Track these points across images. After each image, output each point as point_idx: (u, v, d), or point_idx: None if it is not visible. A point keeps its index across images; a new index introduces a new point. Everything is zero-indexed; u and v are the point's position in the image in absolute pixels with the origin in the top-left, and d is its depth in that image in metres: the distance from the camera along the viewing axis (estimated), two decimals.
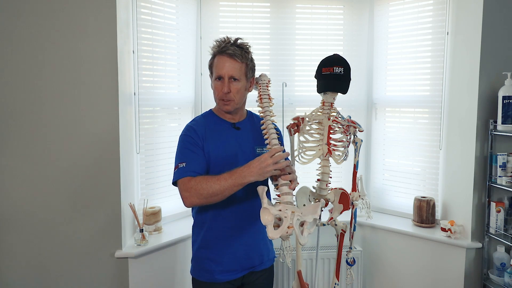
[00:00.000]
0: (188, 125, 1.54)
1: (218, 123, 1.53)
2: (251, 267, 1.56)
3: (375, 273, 2.48)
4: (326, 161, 1.80)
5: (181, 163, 1.41)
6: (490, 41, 2.02)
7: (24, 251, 1.86)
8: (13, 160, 1.83)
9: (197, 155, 1.44)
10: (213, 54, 1.50)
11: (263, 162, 1.25)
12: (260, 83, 1.64)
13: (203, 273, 1.51)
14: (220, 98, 1.47)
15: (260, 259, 1.58)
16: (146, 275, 2.01)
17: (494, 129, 2.02)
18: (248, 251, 1.53)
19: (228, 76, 1.45)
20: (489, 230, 2.07)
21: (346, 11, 2.54)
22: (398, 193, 2.52)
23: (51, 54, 1.83)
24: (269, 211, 1.20)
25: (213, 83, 1.49)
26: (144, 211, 2.10)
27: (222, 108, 1.50)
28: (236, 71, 1.45)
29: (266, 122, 1.44)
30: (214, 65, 1.48)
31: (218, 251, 1.50)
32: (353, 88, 1.98)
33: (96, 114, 1.88)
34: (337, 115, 1.81)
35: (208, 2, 2.43)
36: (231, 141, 1.51)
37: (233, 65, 1.45)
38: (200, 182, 1.33)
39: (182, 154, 1.45)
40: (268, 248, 1.64)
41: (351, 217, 1.89)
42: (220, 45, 1.47)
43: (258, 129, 1.55)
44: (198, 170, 1.41)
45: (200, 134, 1.47)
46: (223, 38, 1.50)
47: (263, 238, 1.59)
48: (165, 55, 2.28)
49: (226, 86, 1.44)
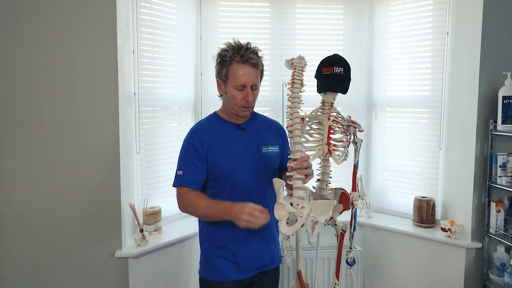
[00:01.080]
0: (192, 130, 1.55)
1: (224, 126, 1.54)
2: (263, 266, 1.57)
3: (375, 273, 2.48)
4: (326, 161, 1.80)
5: (179, 171, 1.49)
6: (490, 41, 2.02)
7: (24, 251, 1.86)
8: (13, 160, 1.83)
9: (195, 166, 1.47)
10: (228, 61, 1.44)
11: (241, 214, 1.30)
12: (296, 65, 1.49)
13: (215, 273, 1.51)
14: (242, 106, 1.47)
15: (271, 258, 1.60)
16: (146, 275, 2.01)
17: (494, 129, 2.02)
18: (260, 251, 1.55)
19: (251, 84, 1.45)
20: (489, 230, 2.07)
21: (346, 11, 2.54)
22: (398, 193, 2.52)
23: (51, 54, 1.83)
24: (284, 207, 1.22)
25: (232, 91, 1.45)
26: (144, 211, 2.10)
27: (240, 114, 1.51)
28: (257, 79, 1.48)
29: (293, 115, 1.38)
30: (233, 72, 1.43)
31: (232, 250, 1.50)
32: (353, 88, 1.97)
33: (96, 114, 1.87)
34: (337, 115, 1.81)
35: (208, 2, 2.43)
36: (236, 142, 1.51)
37: (255, 74, 1.46)
38: (192, 200, 1.44)
39: (182, 161, 1.50)
40: (278, 247, 1.66)
41: (351, 217, 1.89)
42: (237, 52, 1.43)
43: (263, 129, 1.58)
44: (195, 181, 1.48)
45: (204, 142, 1.48)
46: (235, 44, 1.46)
47: (273, 237, 1.61)
48: (165, 55, 2.28)
49: (251, 95, 1.46)
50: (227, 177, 1.48)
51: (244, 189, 1.48)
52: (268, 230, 1.54)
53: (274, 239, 1.62)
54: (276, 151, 1.58)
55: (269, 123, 1.66)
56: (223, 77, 1.46)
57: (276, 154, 1.58)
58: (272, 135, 1.61)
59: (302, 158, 1.32)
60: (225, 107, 1.55)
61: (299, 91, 1.42)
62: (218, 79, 1.50)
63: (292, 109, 1.39)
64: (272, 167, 1.56)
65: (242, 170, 1.48)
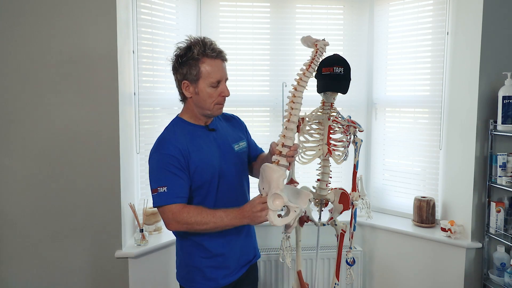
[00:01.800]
0: (162, 139, 1.41)
1: (195, 130, 1.43)
2: (248, 262, 1.56)
3: (375, 273, 2.48)
4: (326, 161, 1.80)
5: (161, 188, 1.32)
6: (490, 41, 2.02)
7: (24, 251, 1.86)
8: (13, 160, 1.83)
9: (179, 178, 1.33)
10: (199, 58, 1.34)
11: (254, 208, 1.25)
12: (319, 48, 1.42)
13: (205, 282, 1.44)
14: (218, 103, 1.39)
15: (254, 251, 1.59)
16: (146, 275, 2.00)
17: (494, 129, 2.02)
18: (244, 247, 1.52)
19: (226, 79, 1.40)
20: (489, 230, 2.07)
21: (346, 11, 2.54)
22: (398, 193, 2.52)
23: (51, 54, 1.83)
24: (282, 199, 1.21)
25: (206, 89, 1.36)
26: (144, 211, 2.10)
27: (216, 113, 1.42)
28: (226, 73, 1.42)
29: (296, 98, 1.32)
30: (206, 69, 1.34)
31: (224, 257, 1.45)
32: (353, 88, 1.97)
33: (96, 114, 1.88)
34: (337, 115, 1.81)
35: (208, 2, 2.43)
36: (211, 145, 1.43)
37: (225, 67, 1.40)
38: (194, 216, 1.30)
39: (162, 176, 1.33)
40: (256, 239, 1.64)
41: (351, 217, 1.89)
42: (208, 47, 1.36)
43: (228, 126, 1.53)
44: (183, 195, 1.34)
45: (183, 150, 1.35)
46: (200, 40, 1.38)
47: (253, 231, 1.59)
48: (165, 55, 2.28)
49: (227, 89, 1.39)
50: (210, 183, 1.39)
51: (228, 191, 1.43)
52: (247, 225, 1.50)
53: (253, 233, 1.60)
54: (245, 146, 1.54)
55: (230, 119, 1.59)
56: (194, 77, 1.35)
57: (246, 149, 1.54)
58: (237, 130, 1.56)
59: (295, 146, 1.29)
60: (193, 110, 1.43)
61: (310, 76, 1.37)
62: (185, 81, 1.37)
63: (297, 91, 1.32)
64: (246, 163, 1.54)
65: (224, 173, 1.41)
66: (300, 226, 1.94)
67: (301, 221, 1.91)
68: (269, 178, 1.24)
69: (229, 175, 1.43)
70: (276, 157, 1.29)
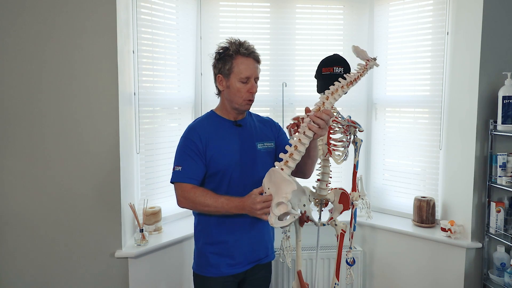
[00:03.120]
0: (190, 126, 1.56)
1: (221, 123, 1.56)
2: (257, 260, 1.58)
3: (375, 273, 2.48)
4: (326, 161, 1.80)
5: (177, 167, 1.50)
6: (490, 41, 2.02)
7: (24, 251, 1.86)
8: (13, 160, 1.83)
9: (195, 162, 1.48)
10: (233, 54, 1.48)
11: (254, 205, 1.33)
12: (368, 66, 1.59)
13: (209, 268, 1.53)
14: (247, 99, 1.50)
15: (265, 252, 1.61)
16: (146, 275, 2.01)
17: (494, 129, 2.02)
18: (254, 244, 1.56)
19: (255, 77, 1.51)
20: (489, 230, 2.07)
21: (346, 11, 2.54)
22: (398, 193, 2.52)
23: (51, 54, 1.83)
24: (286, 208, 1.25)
25: (236, 84, 1.48)
26: (144, 211, 2.10)
27: (244, 108, 1.53)
28: (258, 73, 1.53)
29: (331, 101, 1.36)
30: (237, 65, 1.47)
31: (227, 245, 1.52)
32: (353, 88, 1.96)
33: (96, 114, 1.88)
34: (337, 115, 1.81)
35: (208, 2, 2.43)
36: (233, 138, 1.53)
37: (257, 67, 1.52)
38: (198, 196, 1.44)
39: (180, 157, 1.51)
40: (272, 241, 1.67)
41: (351, 217, 1.89)
42: (241, 46, 1.49)
43: (257, 125, 1.61)
44: (195, 177, 1.48)
45: (203, 138, 1.49)
46: (236, 40, 1.51)
47: (267, 231, 1.62)
48: (165, 55, 2.28)
49: (255, 87, 1.51)
50: (224, 173, 1.49)
51: (240, 185, 1.50)
52: (262, 223, 1.56)
53: (269, 233, 1.63)
54: (271, 147, 1.60)
55: (263, 120, 1.69)
56: (226, 72, 1.49)
57: (272, 149, 1.60)
58: (267, 131, 1.63)
59: (327, 110, 1.30)
60: (225, 104, 1.56)
61: (346, 91, 1.45)
62: (220, 74, 1.51)
63: (328, 101, 1.36)
64: (267, 163, 1.56)
65: (239, 166, 1.50)
66: (300, 226, 1.94)
67: (301, 221, 1.91)
68: (279, 185, 1.28)
69: (244, 169, 1.51)
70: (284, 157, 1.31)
